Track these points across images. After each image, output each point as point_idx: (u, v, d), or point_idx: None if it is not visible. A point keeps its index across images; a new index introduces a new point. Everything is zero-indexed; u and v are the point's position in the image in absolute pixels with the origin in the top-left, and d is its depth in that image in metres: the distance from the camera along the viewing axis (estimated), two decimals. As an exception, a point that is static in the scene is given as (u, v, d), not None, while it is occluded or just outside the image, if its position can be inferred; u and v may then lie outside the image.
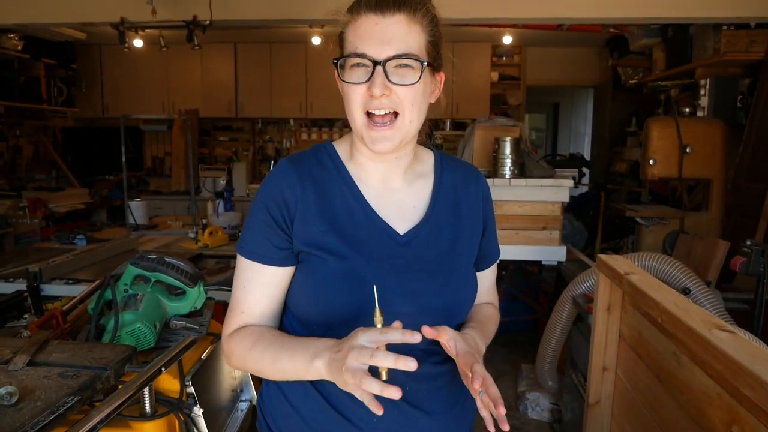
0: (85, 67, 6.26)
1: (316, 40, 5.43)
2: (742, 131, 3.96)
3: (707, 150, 3.54)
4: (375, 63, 0.87)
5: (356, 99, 0.90)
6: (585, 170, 5.77)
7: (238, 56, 6.34)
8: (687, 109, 4.31)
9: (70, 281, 2.43)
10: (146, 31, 4.35)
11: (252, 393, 1.62)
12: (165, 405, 1.18)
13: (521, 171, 3.45)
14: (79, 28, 5.22)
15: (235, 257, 1.01)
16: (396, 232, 0.97)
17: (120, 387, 0.97)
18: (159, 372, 1.03)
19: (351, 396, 0.86)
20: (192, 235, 3.51)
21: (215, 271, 2.89)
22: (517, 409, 3.23)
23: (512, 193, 3.36)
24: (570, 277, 3.16)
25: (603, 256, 1.62)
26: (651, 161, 3.55)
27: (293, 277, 0.98)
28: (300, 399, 0.97)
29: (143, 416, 1.14)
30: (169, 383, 1.23)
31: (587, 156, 7.07)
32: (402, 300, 0.93)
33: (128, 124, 3.89)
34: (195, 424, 1.24)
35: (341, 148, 1.03)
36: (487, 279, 1.14)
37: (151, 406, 1.14)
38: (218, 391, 1.48)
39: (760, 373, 0.87)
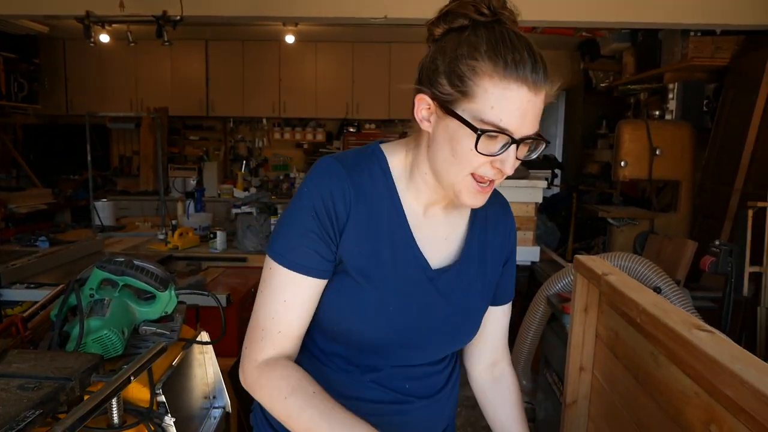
0: (48, 62, 6.06)
1: (290, 39, 5.36)
2: (708, 135, 4.06)
3: (676, 152, 3.62)
4: (513, 142, 0.81)
5: (473, 164, 0.83)
6: (557, 171, 5.85)
7: (210, 54, 6.23)
8: (656, 113, 4.39)
9: (32, 285, 2.34)
10: (113, 25, 4.23)
11: (225, 399, 1.57)
12: (134, 415, 1.13)
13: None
14: (41, 21, 5.05)
15: (205, 259, 0.98)
16: (429, 265, 0.95)
17: (86, 398, 0.92)
18: (128, 381, 0.98)
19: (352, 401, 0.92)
20: (161, 237, 3.43)
21: (186, 274, 2.83)
22: (492, 409, 3.23)
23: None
24: (543, 277, 3.18)
25: (580, 257, 1.62)
26: (622, 163, 3.60)
27: (324, 291, 0.94)
28: None
29: (111, 428, 1.09)
30: (138, 392, 1.18)
31: (559, 158, 7.16)
32: (419, 336, 0.95)
33: (94, 121, 3.79)
34: (166, 433, 1.19)
35: (394, 161, 0.96)
36: (501, 324, 1.14)
37: (119, 417, 1.09)
38: (190, 398, 1.43)
39: (741, 373, 0.88)
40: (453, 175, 0.85)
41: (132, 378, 0.98)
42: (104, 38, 4.55)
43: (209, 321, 1.58)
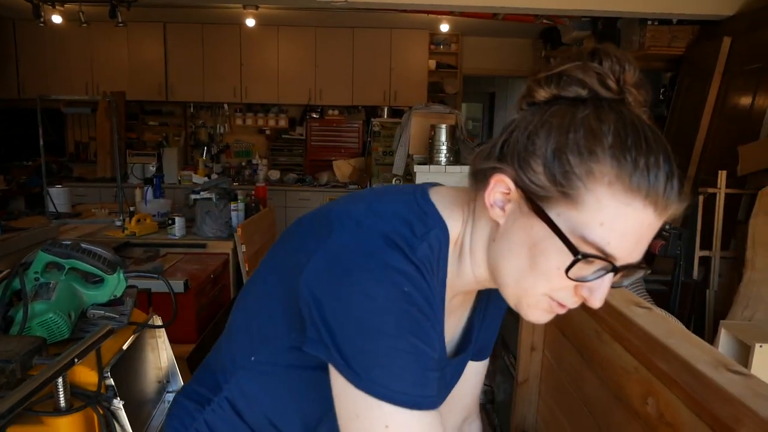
0: (-3, 43, 5.83)
1: (250, 22, 5.28)
2: (663, 123, 4.17)
3: (631, 139, 3.71)
4: (613, 269, 0.60)
5: (554, 285, 0.62)
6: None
7: (168, 37, 6.07)
8: (613, 100, 4.48)
9: (-20, 272, 2.27)
10: (65, 5, 4.08)
11: (179, 383, 1.57)
12: (82, 398, 1.11)
13: (456, 158, 3.49)
14: (-11, 1, 4.85)
15: (164, 245, 0.90)
16: (447, 353, 0.81)
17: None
18: (72, 363, 0.97)
19: None
20: (119, 224, 3.36)
21: (143, 260, 2.78)
22: (452, 391, 3.28)
23: (448, 179, 3.40)
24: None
25: (532, 239, 1.66)
26: (579, 149, 3.67)
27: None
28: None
29: (58, 411, 1.07)
30: (86, 376, 1.16)
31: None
32: None
33: (48, 105, 3.66)
34: (115, 417, 1.18)
35: (453, 231, 0.70)
36: (479, 379, 1.01)
37: (66, 401, 1.07)
38: (142, 382, 1.42)
39: (674, 347, 0.91)
40: (523, 288, 0.64)
41: (76, 360, 0.97)
42: (56, 19, 4.40)
43: (163, 306, 1.56)
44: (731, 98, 3.56)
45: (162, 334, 1.50)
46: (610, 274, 0.60)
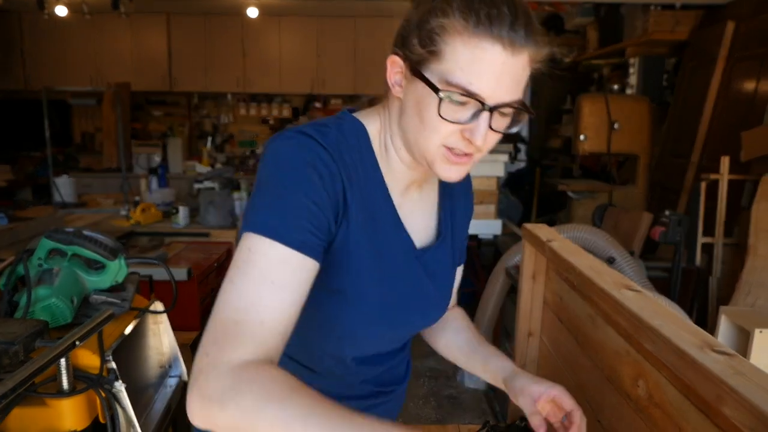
0: (2, 35, 5.85)
1: (253, 12, 5.27)
2: (667, 109, 4.16)
3: (634, 126, 3.70)
4: (485, 108, 0.71)
5: (443, 133, 0.74)
6: (521, 146, 5.91)
7: (172, 27, 6.08)
8: (616, 87, 4.47)
9: (-12, 261, 2.31)
10: (69, -3, 4.10)
11: (182, 368, 1.60)
12: (84, 381, 1.14)
13: (458, 146, 3.50)
14: (-6, -6, 4.88)
15: (168, 234, 0.94)
16: (413, 243, 0.89)
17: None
18: (73, 345, 0.99)
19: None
20: (123, 213, 3.40)
21: (148, 249, 2.81)
22: (455, 378, 3.32)
23: (450, 168, 3.41)
24: (505, 250, 3.25)
25: (528, 225, 1.66)
26: (582, 137, 3.67)
27: None
28: None
29: (60, 393, 1.10)
30: (89, 359, 1.19)
31: (525, 133, 7.24)
32: (401, 314, 0.90)
33: (54, 97, 3.69)
34: (118, 400, 1.21)
35: (372, 132, 0.85)
36: (456, 282, 1.09)
37: (69, 383, 1.10)
38: (144, 367, 1.45)
39: (660, 328, 0.92)
40: (422, 144, 0.76)
41: (77, 343, 0.99)
42: (61, 11, 4.42)
43: (165, 293, 1.59)
44: (735, 83, 3.53)
45: (164, 320, 1.53)
46: (485, 114, 0.71)
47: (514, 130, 0.78)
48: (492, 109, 0.71)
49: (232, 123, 6.63)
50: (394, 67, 0.78)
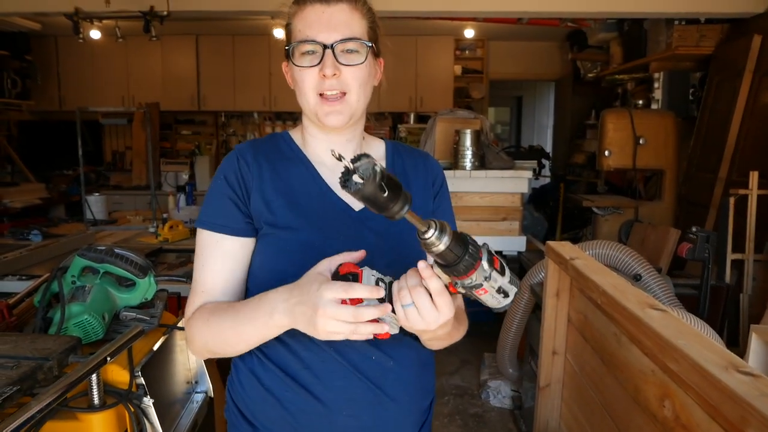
0: (40, 58, 6.07)
1: (279, 33, 5.38)
2: (693, 123, 4.10)
3: (660, 141, 3.66)
4: (324, 47, 0.92)
5: (309, 81, 0.95)
6: (545, 162, 5.89)
7: (200, 49, 6.24)
8: (640, 102, 4.43)
9: (23, 277, 2.38)
10: (103, 21, 4.24)
11: (207, 384, 1.62)
12: (114, 396, 1.17)
13: (482, 163, 3.50)
14: (33, 18, 5.07)
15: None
16: (351, 207, 1.00)
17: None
18: (104, 362, 1.02)
19: (323, 382, 0.93)
20: (152, 230, 3.46)
21: (176, 265, 2.86)
22: (480, 397, 3.29)
23: (473, 184, 3.41)
24: (530, 267, 3.23)
25: (551, 243, 1.66)
26: (606, 152, 3.64)
27: (252, 259, 0.99)
28: (274, 381, 0.97)
29: (91, 407, 1.13)
30: (118, 375, 1.22)
31: (549, 148, 7.21)
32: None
33: (87, 117, 3.82)
34: (146, 415, 1.24)
35: (296, 135, 1.08)
36: None
37: (100, 398, 1.13)
38: (172, 382, 1.48)
39: (684, 348, 0.92)
40: (305, 103, 0.97)
41: (108, 358, 1.03)
42: (94, 34, 4.57)
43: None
44: (763, 97, 3.48)
45: (191, 336, 1.56)
46: (329, 50, 0.92)
47: (361, 62, 0.95)
48: (330, 46, 0.92)
49: (258, 141, 6.74)
50: (285, 71, 1.02)
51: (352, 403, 0.95)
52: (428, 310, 0.75)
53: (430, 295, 0.75)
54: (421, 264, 0.75)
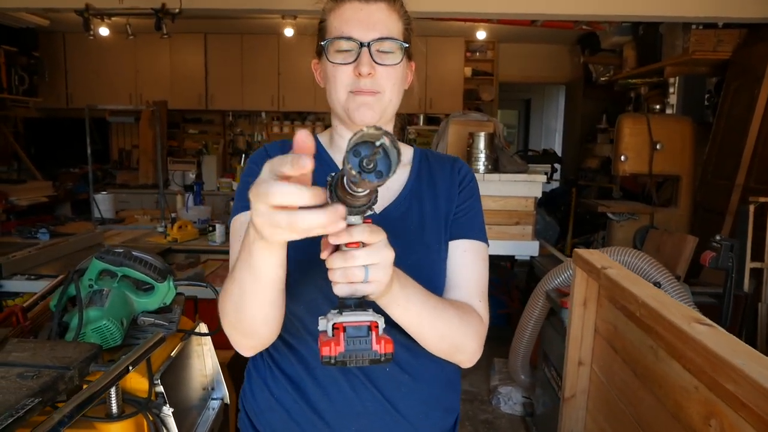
0: (48, 55, 6.03)
1: (289, 32, 5.34)
2: (709, 129, 4.05)
3: (677, 147, 3.61)
4: (361, 45, 0.90)
5: (342, 79, 0.92)
6: (557, 166, 5.84)
7: (209, 47, 6.20)
8: (657, 107, 4.38)
9: (32, 277, 2.34)
10: (113, 18, 4.20)
11: (224, 391, 1.57)
12: (133, 405, 1.13)
13: (495, 166, 3.45)
14: (41, 14, 5.03)
15: (205, 252, 0.96)
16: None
17: (84, 387, 0.92)
18: (126, 371, 0.98)
19: (329, 395, 0.90)
20: (160, 230, 3.42)
21: (185, 266, 2.82)
22: (490, 402, 3.24)
23: (486, 188, 3.36)
24: (542, 272, 3.18)
25: (579, 250, 1.61)
26: (622, 157, 3.59)
27: None
28: (283, 392, 0.96)
29: (109, 417, 1.09)
30: (137, 382, 1.18)
31: (558, 152, 7.16)
32: None
33: (94, 115, 3.77)
34: (164, 424, 1.19)
35: (323, 138, 1.07)
36: (463, 262, 1.04)
37: (118, 407, 1.09)
38: (189, 389, 1.43)
39: (743, 367, 0.87)
40: (336, 99, 0.95)
41: (130, 368, 0.98)
42: (104, 31, 4.53)
43: (208, 313, 1.58)
44: (783, 104, 3.43)
45: (207, 341, 1.52)
46: (365, 48, 0.90)
47: (396, 62, 0.94)
48: (367, 45, 0.90)
49: (266, 140, 6.70)
50: (316, 68, 1.03)
51: (360, 418, 0.92)
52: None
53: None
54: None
